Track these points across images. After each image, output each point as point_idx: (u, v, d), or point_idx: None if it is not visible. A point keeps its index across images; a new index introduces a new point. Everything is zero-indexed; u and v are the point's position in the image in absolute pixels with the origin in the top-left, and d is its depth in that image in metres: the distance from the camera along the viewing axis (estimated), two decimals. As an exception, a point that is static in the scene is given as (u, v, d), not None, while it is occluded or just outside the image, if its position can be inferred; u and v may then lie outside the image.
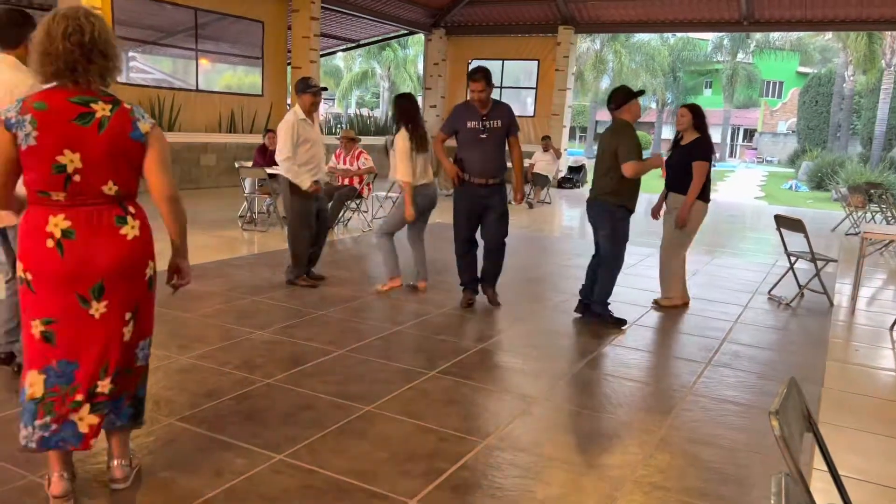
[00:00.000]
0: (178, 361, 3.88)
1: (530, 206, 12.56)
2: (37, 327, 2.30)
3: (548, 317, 5.37)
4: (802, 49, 37.18)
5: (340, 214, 8.84)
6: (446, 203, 6.20)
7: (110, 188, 2.31)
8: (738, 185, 26.21)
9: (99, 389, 2.37)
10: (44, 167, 2.22)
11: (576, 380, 4.00)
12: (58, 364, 2.32)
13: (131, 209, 2.39)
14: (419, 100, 18.85)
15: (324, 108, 33.47)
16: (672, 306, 5.61)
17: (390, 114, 5.56)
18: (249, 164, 9.35)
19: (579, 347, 4.62)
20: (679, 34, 36.21)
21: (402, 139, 5.36)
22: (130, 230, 2.36)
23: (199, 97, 12.72)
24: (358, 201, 8.95)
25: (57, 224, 2.26)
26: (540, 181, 13.12)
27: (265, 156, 9.37)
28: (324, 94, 5.98)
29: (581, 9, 16.55)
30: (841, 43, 29.47)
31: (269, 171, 8.62)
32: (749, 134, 47.06)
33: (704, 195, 5.39)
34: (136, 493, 2.54)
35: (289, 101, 15.01)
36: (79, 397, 2.34)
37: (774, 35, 34.22)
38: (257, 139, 10.71)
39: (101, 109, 2.27)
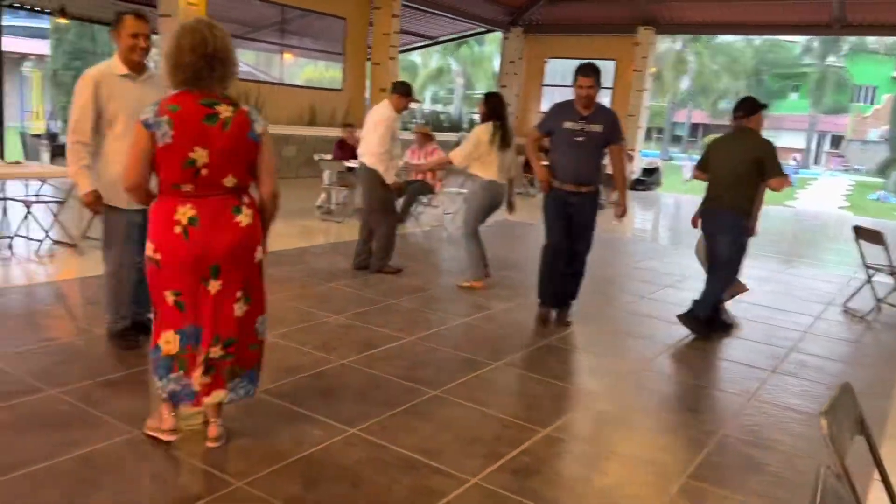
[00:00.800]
0: (261, 339, 4.16)
1: (601, 206, 12.51)
2: (169, 297, 2.65)
3: (615, 317, 5.44)
4: (899, 53, 35.42)
5: (412, 208, 9.08)
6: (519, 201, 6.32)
7: (230, 181, 2.63)
8: (820, 193, 25.23)
9: (211, 355, 2.71)
10: (177, 162, 2.53)
11: (639, 379, 4.08)
12: (188, 327, 2.67)
13: (245, 199, 2.72)
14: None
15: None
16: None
17: (464, 110, 5.66)
18: (329, 156, 9.70)
19: (644, 349, 4.69)
20: (764, 36, 35.02)
21: (482, 131, 5.54)
22: (245, 218, 2.68)
23: (282, 90, 13.23)
24: (430, 196, 9.17)
25: (185, 213, 2.58)
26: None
27: (344, 149, 9.71)
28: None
29: (662, 9, 16.32)
30: (941, 47, 27.91)
31: (347, 164, 8.95)
32: (836, 141, 45.05)
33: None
34: (225, 454, 2.80)
35: (367, 96, 15.41)
36: (201, 357, 2.70)
37: (870, 38, 32.68)
38: (336, 132, 11.08)
39: (225, 111, 2.59)
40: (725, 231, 4.81)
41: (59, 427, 2.90)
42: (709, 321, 4.93)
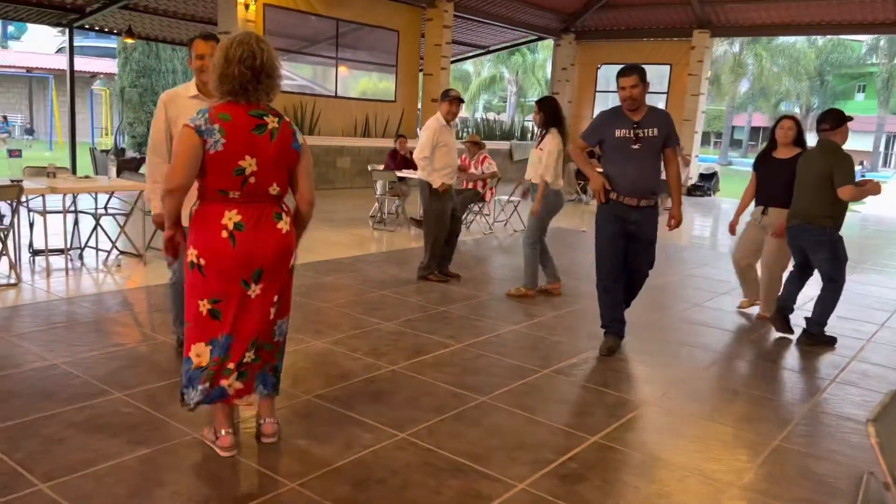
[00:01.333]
0: (314, 346, 4.28)
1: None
2: (205, 305, 2.71)
3: (667, 325, 5.37)
4: (974, 50, 33.76)
5: (463, 217, 9.14)
6: (568, 206, 6.31)
7: (274, 189, 2.73)
8: (889, 196, 24.20)
9: (245, 360, 2.79)
10: (227, 169, 2.63)
11: (690, 388, 4.03)
12: (221, 337, 2.73)
13: (285, 207, 2.82)
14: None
15: (452, 113, 34.11)
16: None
17: (517, 118, 5.64)
18: (381, 167, 9.86)
19: (697, 357, 4.62)
20: (828, 36, 33.92)
21: (554, 140, 5.54)
22: (284, 225, 2.78)
23: (337, 103, 13.52)
24: (481, 205, 9.21)
25: (231, 218, 2.66)
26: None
27: (396, 159, 9.85)
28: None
29: (718, 11, 16.01)
30: None
31: (399, 174, 9.09)
32: (906, 142, 43.15)
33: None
34: (278, 456, 2.90)
35: (419, 107, 15.59)
36: (230, 365, 2.76)
37: (941, 34, 31.27)
38: (390, 143, 11.26)
39: (271, 122, 2.70)
40: (816, 248, 4.80)
41: (125, 428, 3.05)
42: (814, 336, 4.94)
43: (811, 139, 5.17)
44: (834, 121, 4.74)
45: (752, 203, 5.49)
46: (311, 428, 3.16)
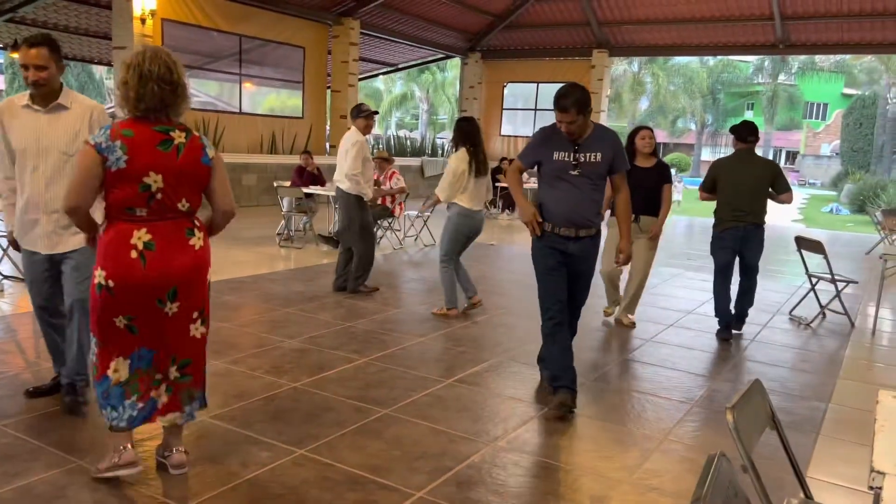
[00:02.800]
0: (213, 366, 4.15)
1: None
2: (121, 321, 2.64)
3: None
4: (847, 71, 36.68)
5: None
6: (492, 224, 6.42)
7: (183, 204, 2.67)
8: (776, 207, 25.88)
9: (170, 375, 2.76)
10: (132, 187, 2.55)
11: (585, 391, 4.16)
12: (140, 350, 2.69)
13: (197, 223, 2.77)
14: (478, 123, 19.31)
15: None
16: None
17: (428, 135, 5.70)
18: (288, 183, 9.74)
19: (592, 361, 4.79)
20: (718, 56, 36.09)
21: (457, 160, 5.49)
22: (197, 240, 2.74)
23: (242, 119, 13.27)
24: (390, 220, 9.24)
25: (140, 237, 2.59)
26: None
27: (303, 176, 9.76)
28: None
29: (615, 32, 16.77)
30: (884, 65, 29.04)
31: (305, 190, 9.00)
32: (791, 156, 46.35)
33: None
34: (171, 479, 2.80)
35: (328, 125, 15.51)
36: (158, 376, 2.76)
37: (819, 56, 33.87)
38: (297, 160, 11.13)
39: (178, 137, 2.65)
40: (757, 246, 5.45)
41: (1, 459, 2.87)
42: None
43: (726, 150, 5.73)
44: (757, 134, 5.47)
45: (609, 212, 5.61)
46: (205, 449, 3.07)
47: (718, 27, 15.63)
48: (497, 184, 13.65)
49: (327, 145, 15.28)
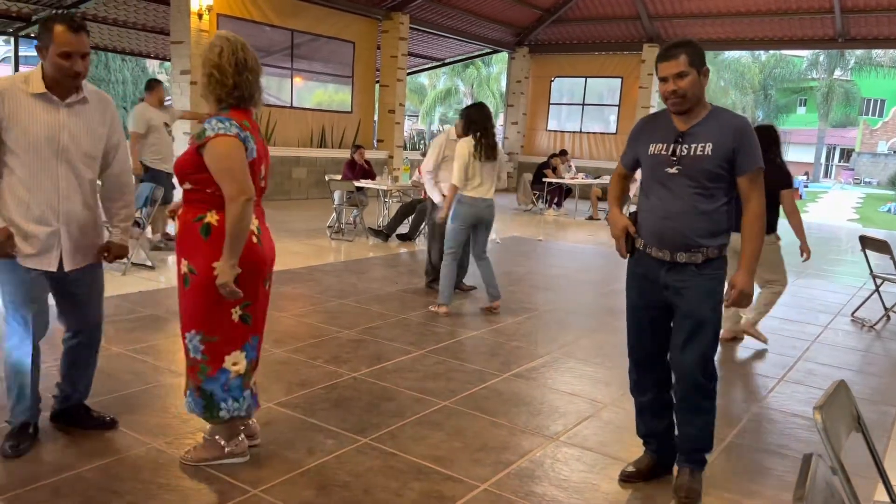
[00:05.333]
0: (274, 354, 4.24)
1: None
2: (236, 313, 2.68)
3: (621, 328, 5.47)
4: (907, 65, 35.40)
5: (422, 227, 9.18)
6: (515, 215, 6.39)
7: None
8: (830, 206, 25.16)
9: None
10: (255, 174, 2.64)
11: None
12: (251, 339, 2.78)
13: None
14: (501, 116, 19.20)
15: (408, 125, 34.39)
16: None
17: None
18: (338, 177, 9.84)
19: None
20: (771, 51, 35.18)
21: (463, 145, 5.32)
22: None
23: (293, 113, 13.44)
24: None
25: (253, 223, 2.65)
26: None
27: (354, 169, 9.85)
28: (406, 112, 6.32)
29: (667, 26, 16.48)
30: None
31: (357, 184, 9.09)
32: (846, 154, 44.98)
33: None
34: (238, 464, 2.87)
35: (376, 118, 15.61)
36: (258, 365, 2.89)
37: (876, 51, 32.76)
38: (346, 154, 11.24)
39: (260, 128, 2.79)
40: None
41: (86, 440, 2.98)
42: None
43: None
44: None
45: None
46: (272, 435, 3.13)
47: (774, 21, 15.24)
48: (544, 179, 13.59)
49: (375, 140, 15.39)
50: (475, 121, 5.34)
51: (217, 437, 2.82)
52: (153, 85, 7.36)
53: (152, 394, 3.57)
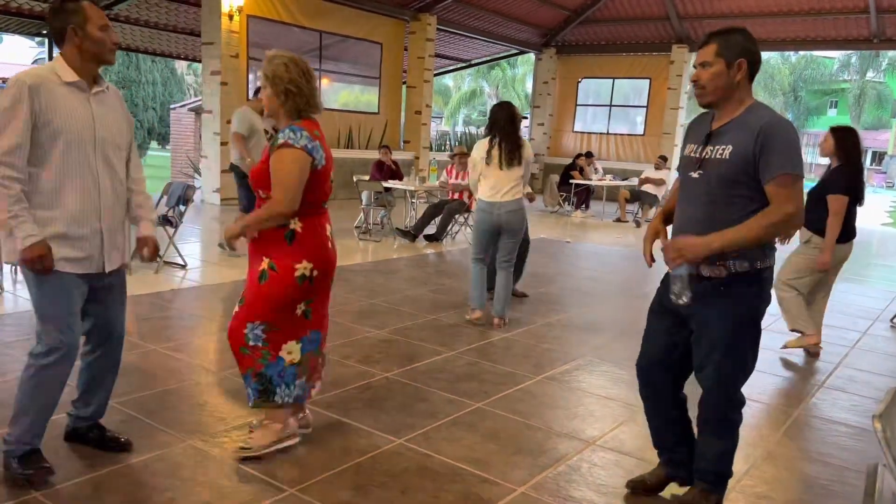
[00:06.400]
0: (306, 353, 4.25)
1: (637, 224, 12.52)
2: (300, 308, 2.84)
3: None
4: (942, 67, 34.70)
5: (449, 227, 9.17)
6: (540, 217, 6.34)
7: None
8: (863, 209, 24.68)
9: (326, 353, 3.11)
10: (327, 182, 2.84)
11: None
12: (310, 333, 2.92)
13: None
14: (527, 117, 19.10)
15: (433, 126, 34.36)
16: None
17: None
18: (366, 178, 9.86)
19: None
20: (801, 52, 34.65)
21: (477, 148, 5.03)
22: None
23: (321, 114, 13.49)
24: (466, 215, 9.24)
25: (326, 227, 2.88)
26: (648, 199, 13.00)
27: (382, 170, 9.86)
28: (432, 113, 6.13)
29: (696, 27, 16.28)
30: None
31: (385, 184, 9.10)
32: (878, 157, 44.13)
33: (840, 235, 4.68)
34: (277, 462, 2.86)
35: (402, 120, 15.63)
36: (322, 360, 3.07)
37: (910, 52, 32.13)
38: (373, 155, 11.26)
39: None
40: None
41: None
42: None
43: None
44: None
45: None
46: (308, 434, 3.13)
47: (808, 21, 14.99)
48: (571, 181, 13.50)
49: (401, 141, 15.40)
50: (495, 121, 4.99)
51: (268, 421, 2.94)
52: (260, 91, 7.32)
53: (188, 391, 3.59)
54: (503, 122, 4.93)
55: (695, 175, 2.46)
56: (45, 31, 13.17)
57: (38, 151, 2.45)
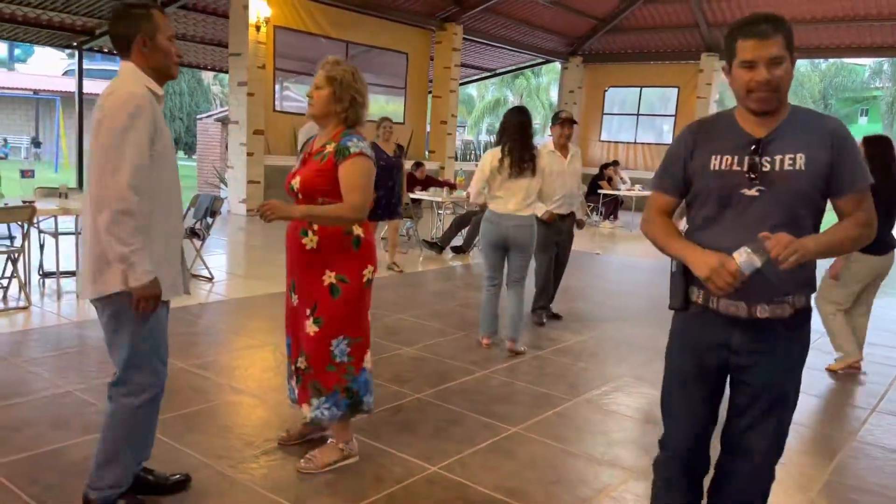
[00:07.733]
0: (335, 372, 4.13)
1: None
2: (368, 315, 2.92)
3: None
4: (978, 74, 33.92)
5: (476, 239, 9.03)
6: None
7: None
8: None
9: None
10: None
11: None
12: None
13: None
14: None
15: (457, 136, 34.31)
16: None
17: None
18: (392, 188, 9.76)
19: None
20: (831, 59, 34.10)
21: (486, 157, 4.68)
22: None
23: (345, 124, 13.47)
24: (494, 227, 9.09)
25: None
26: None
27: (410, 182, 9.78)
28: (457, 122, 5.93)
29: (726, 35, 16.05)
30: None
31: (412, 195, 9.00)
32: (911, 166, 43.21)
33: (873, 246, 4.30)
34: (309, 489, 2.75)
35: (428, 129, 15.56)
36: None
37: (944, 59, 31.46)
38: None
39: None
40: None
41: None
42: None
43: None
44: None
45: None
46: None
47: (841, 28, 14.67)
48: (599, 191, 13.31)
49: (426, 151, 15.33)
50: (506, 128, 4.69)
51: (332, 440, 2.98)
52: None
53: (215, 412, 3.49)
54: (513, 129, 4.63)
55: (751, 192, 1.93)
56: (74, 44, 13.30)
57: (153, 172, 2.25)
